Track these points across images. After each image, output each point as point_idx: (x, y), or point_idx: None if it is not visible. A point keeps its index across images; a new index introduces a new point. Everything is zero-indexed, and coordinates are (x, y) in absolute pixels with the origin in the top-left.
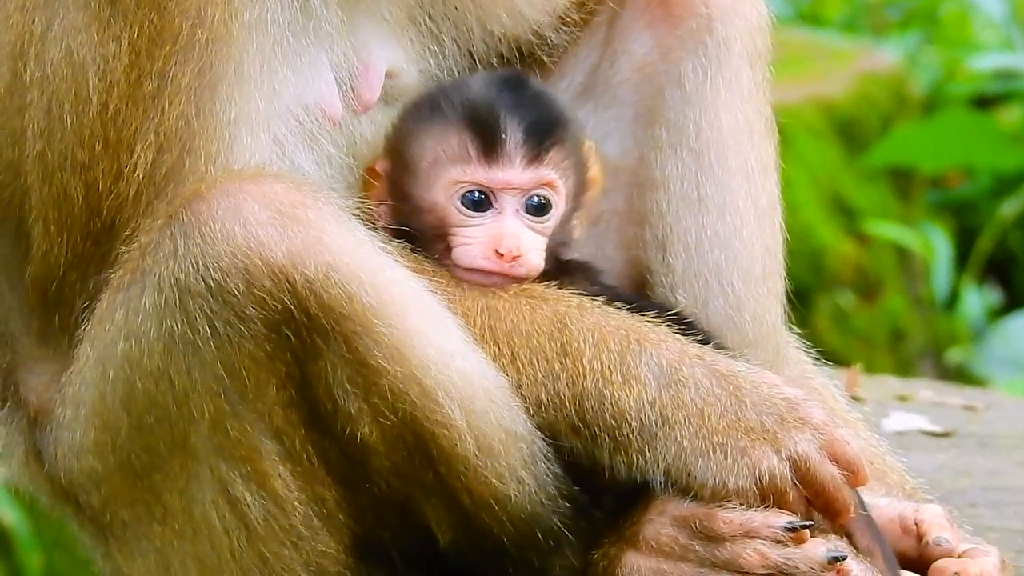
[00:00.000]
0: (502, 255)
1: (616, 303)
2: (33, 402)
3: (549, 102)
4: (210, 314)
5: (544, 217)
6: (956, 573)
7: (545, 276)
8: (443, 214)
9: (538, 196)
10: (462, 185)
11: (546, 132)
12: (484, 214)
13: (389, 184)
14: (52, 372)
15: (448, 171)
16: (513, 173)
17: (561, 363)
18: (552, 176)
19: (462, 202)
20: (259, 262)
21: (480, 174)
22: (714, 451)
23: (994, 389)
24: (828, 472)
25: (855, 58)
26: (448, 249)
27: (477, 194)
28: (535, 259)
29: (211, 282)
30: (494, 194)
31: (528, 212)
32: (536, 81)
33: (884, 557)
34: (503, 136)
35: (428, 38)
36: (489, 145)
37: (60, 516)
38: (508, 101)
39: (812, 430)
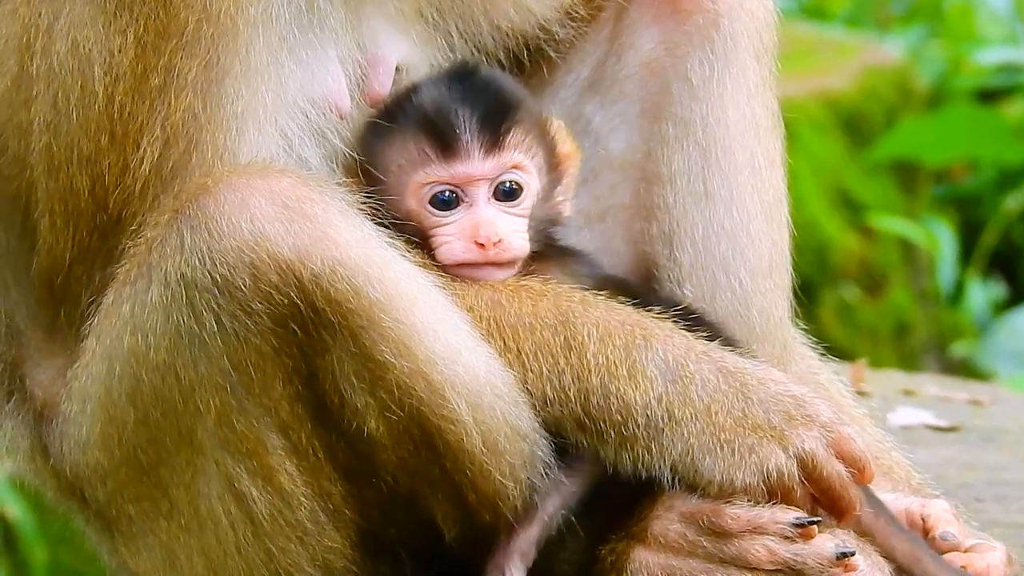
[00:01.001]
0: (483, 245)
1: (619, 291)
2: (39, 396)
3: (500, 85)
4: (216, 309)
5: (516, 200)
6: (962, 567)
7: (542, 261)
8: (418, 219)
9: (508, 181)
10: (427, 187)
11: (500, 117)
12: (456, 211)
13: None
14: (58, 366)
15: (412, 176)
16: (474, 165)
17: (566, 358)
18: (517, 158)
19: (431, 203)
20: (265, 257)
21: (442, 172)
22: (721, 448)
23: (998, 383)
24: (835, 470)
25: (860, 52)
26: (433, 251)
27: (446, 193)
28: (518, 242)
29: (217, 277)
30: (461, 189)
31: (499, 198)
32: (487, 67)
33: (916, 545)
34: (456, 130)
35: (437, 32)
36: (444, 142)
37: (65, 510)
38: (457, 94)
39: (819, 427)
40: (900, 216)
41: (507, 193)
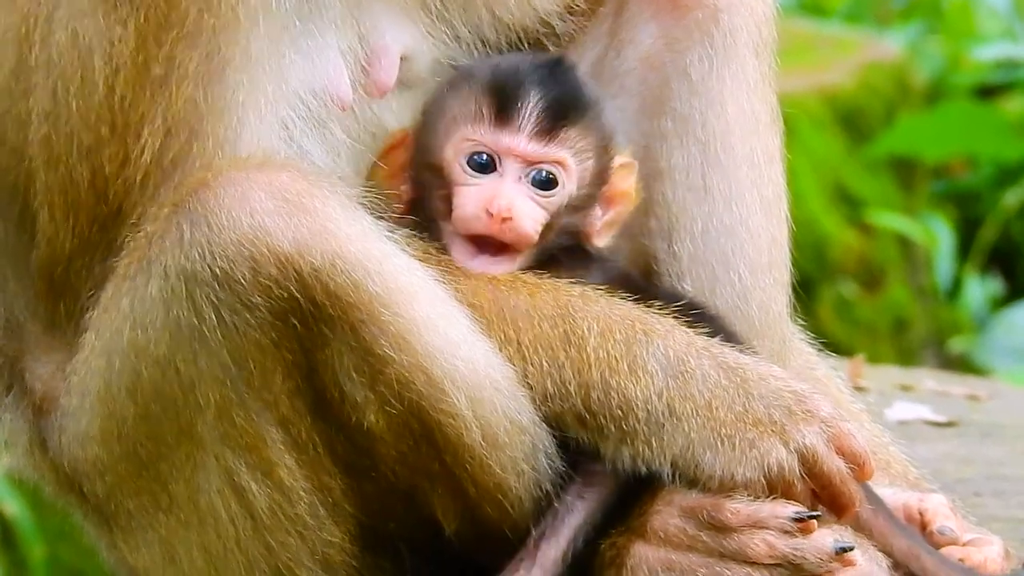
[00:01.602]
0: (492, 216)
1: (624, 286)
2: (38, 390)
3: (583, 88)
4: (216, 302)
5: (549, 192)
6: (960, 560)
7: (551, 266)
8: (449, 171)
9: (545, 171)
10: (469, 143)
11: (566, 111)
12: (487, 177)
13: (413, 142)
14: (58, 360)
15: (460, 128)
16: (519, 141)
17: (566, 352)
18: (563, 155)
19: (468, 162)
20: (265, 250)
21: (487, 136)
22: (722, 443)
23: (996, 379)
24: (835, 465)
25: (859, 48)
26: (450, 214)
27: (484, 156)
28: (527, 226)
29: (217, 270)
30: (499, 158)
31: (534, 184)
32: (579, 70)
33: (913, 541)
34: (518, 103)
35: (440, 23)
36: (502, 109)
37: (64, 505)
38: (540, 76)
39: (820, 423)
40: (898, 212)
41: (542, 182)
